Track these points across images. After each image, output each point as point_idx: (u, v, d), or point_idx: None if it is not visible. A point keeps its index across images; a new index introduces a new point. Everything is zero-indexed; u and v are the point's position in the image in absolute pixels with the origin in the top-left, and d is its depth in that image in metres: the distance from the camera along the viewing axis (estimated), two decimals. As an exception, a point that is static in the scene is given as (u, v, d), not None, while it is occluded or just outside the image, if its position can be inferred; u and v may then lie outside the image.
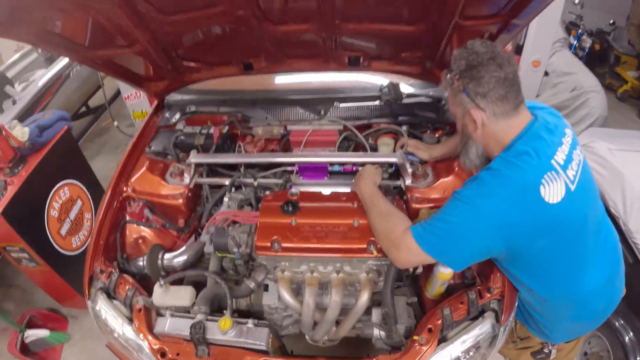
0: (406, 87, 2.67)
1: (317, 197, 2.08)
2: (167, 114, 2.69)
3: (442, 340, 1.75)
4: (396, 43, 2.33)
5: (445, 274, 1.84)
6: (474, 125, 1.61)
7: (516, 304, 1.86)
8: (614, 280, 1.85)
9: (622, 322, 2.65)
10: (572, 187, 1.55)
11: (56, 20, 1.90)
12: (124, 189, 2.31)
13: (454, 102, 1.65)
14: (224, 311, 1.85)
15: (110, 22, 1.96)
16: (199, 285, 2.04)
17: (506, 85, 1.51)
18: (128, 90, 4.48)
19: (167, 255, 2.15)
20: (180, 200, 2.28)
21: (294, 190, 2.08)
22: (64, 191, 3.33)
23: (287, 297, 1.90)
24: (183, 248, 2.17)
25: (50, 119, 3.35)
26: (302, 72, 2.62)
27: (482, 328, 1.77)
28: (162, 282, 1.94)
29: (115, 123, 5.01)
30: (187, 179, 2.30)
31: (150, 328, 1.87)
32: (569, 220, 1.58)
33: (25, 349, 3.41)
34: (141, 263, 2.13)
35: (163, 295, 1.96)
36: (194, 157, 2.30)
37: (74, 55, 2.17)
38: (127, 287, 1.95)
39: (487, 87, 1.51)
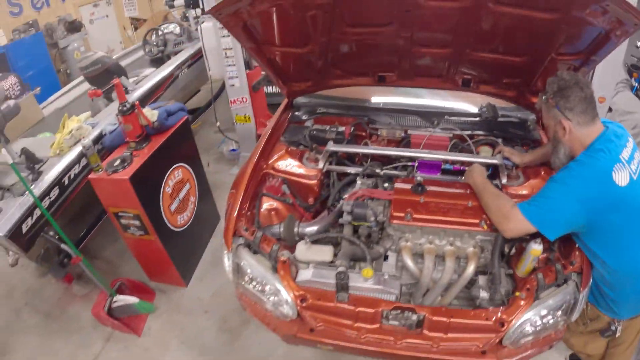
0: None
1: (438, 183, 2.75)
2: (297, 113, 3.49)
3: (536, 298, 2.23)
4: (502, 70, 3.05)
5: (537, 250, 2.28)
6: (563, 131, 2.27)
7: (591, 280, 2.34)
8: None
9: None
10: (635, 177, 2.17)
11: (255, 17, 2.66)
12: (264, 166, 2.96)
13: (548, 115, 2.35)
14: (362, 264, 2.47)
15: (301, 24, 2.74)
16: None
17: (586, 102, 2.20)
18: (235, 95, 5.15)
19: (302, 224, 2.72)
20: (315, 181, 2.94)
21: (419, 176, 2.75)
22: (178, 172, 3.98)
23: (409, 262, 2.47)
24: (316, 220, 2.80)
25: (174, 107, 4.00)
26: (424, 87, 3.41)
27: (565, 293, 2.24)
28: (307, 240, 2.54)
29: (218, 124, 5.82)
30: (321, 164, 2.98)
31: (292, 278, 2.40)
32: (634, 201, 2.17)
33: (109, 313, 3.79)
34: (277, 229, 2.65)
35: (306, 251, 2.53)
36: (332, 146, 3.00)
37: (251, 45, 2.90)
38: (272, 244, 2.49)
39: (572, 103, 2.20)
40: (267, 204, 2.88)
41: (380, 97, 3.69)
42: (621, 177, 2.13)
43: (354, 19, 2.72)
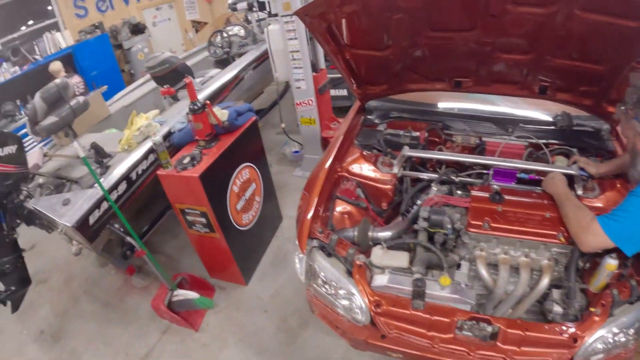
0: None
1: (515, 192, 2.70)
2: (370, 116, 3.47)
3: (610, 315, 2.15)
4: (580, 78, 2.95)
5: (612, 264, 2.20)
6: None
7: None
8: None
9: None
10: None
11: (341, 19, 2.74)
12: (338, 169, 2.95)
13: (626, 126, 2.30)
14: (440, 272, 2.42)
15: (385, 27, 2.77)
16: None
17: None
18: (301, 98, 5.19)
19: (376, 229, 2.69)
20: (389, 186, 2.95)
21: (496, 185, 2.72)
22: (245, 172, 4.03)
23: (484, 272, 2.43)
24: (390, 225, 2.77)
25: (244, 107, 4.06)
26: (500, 94, 3.33)
27: (639, 311, 2.16)
28: (383, 245, 2.52)
29: (283, 125, 5.89)
30: (395, 168, 2.98)
31: (367, 282, 2.39)
32: None
33: (169, 307, 3.83)
34: (351, 233, 2.64)
35: (382, 256, 2.49)
36: (407, 151, 2.98)
37: (332, 48, 2.95)
38: (348, 247, 2.49)
39: None
40: (340, 207, 2.87)
41: (452, 103, 3.65)
42: None
43: (438, 23, 2.70)
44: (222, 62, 6.71)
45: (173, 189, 3.56)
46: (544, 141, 3.15)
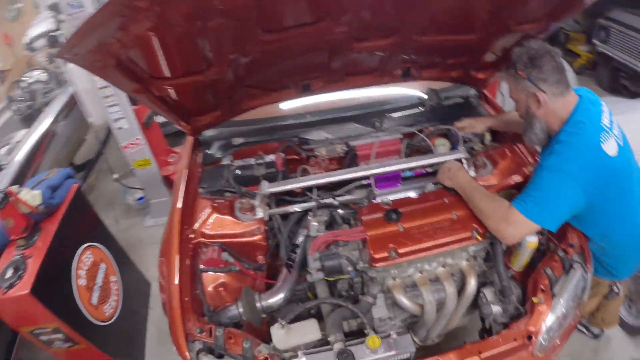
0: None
1: (409, 201, 2.32)
2: (209, 151, 2.77)
3: (553, 296, 2.07)
4: (447, 51, 2.66)
5: (533, 242, 2.15)
6: (538, 104, 2.09)
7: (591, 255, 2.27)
8: None
9: None
10: (621, 143, 2.10)
11: (132, 46, 1.88)
12: (190, 236, 2.29)
13: (517, 89, 2.15)
14: (365, 331, 1.95)
15: (200, 42, 1.99)
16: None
17: (559, 71, 2.04)
18: (127, 139, 4.29)
19: (264, 296, 2.16)
20: (258, 236, 2.34)
21: (385, 199, 2.29)
22: (87, 256, 3.21)
23: (406, 301, 2.10)
24: (279, 285, 2.24)
25: (58, 178, 3.20)
26: (357, 88, 2.82)
27: (576, 279, 2.13)
28: (282, 322, 1.98)
29: (115, 175, 5.00)
30: (259, 212, 2.36)
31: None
32: (625, 168, 2.12)
33: None
34: (235, 311, 2.10)
35: (286, 336, 1.98)
36: (268, 187, 2.38)
37: (134, 86, 2.14)
38: (242, 339, 1.92)
39: (547, 74, 2.02)
40: (211, 281, 2.28)
41: (303, 109, 3.07)
42: (610, 147, 2.04)
43: (274, 22, 2.05)
44: (30, 118, 5.51)
45: (8, 314, 2.73)
46: (418, 127, 2.83)
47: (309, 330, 2.00)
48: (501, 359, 1.97)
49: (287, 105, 2.93)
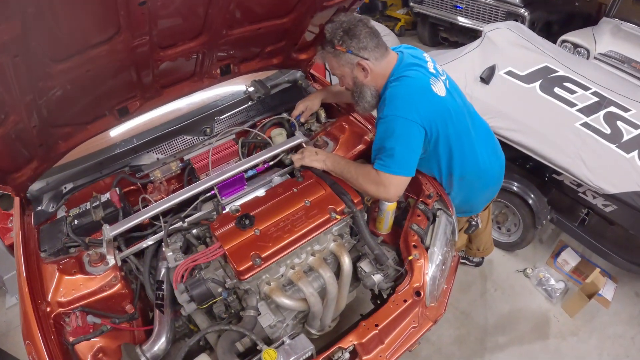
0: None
1: (257, 202, 2.22)
2: (40, 207, 2.38)
3: (427, 248, 2.14)
4: (263, 39, 2.53)
5: (392, 204, 2.20)
6: (364, 73, 2.12)
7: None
8: (496, 150, 2.55)
9: (518, 185, 3.46)
10: (448, 87, 2.22)
11: None
12: (48, 310, 1.97)
13: (339, 64, 2.14)
14: (257, 347, 1.84)
15: None
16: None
17: (375, 36, 2.08)
18: None
19: (146, 347, 1.97)
20: (118, 285, 2.07)
21: (233, 207, 2.17)
22: None
23: (289, 301, 2.02)
24: (156, 329, 2.02)
25: None
26: (177, 98, 2.57)
27: (444, 225, 2.23)
28: None
29: None
30: (110, 259, 2.08)
31: None
32: (458, 109, 2.23)
33: None
34: None
35: None
36: (111, 230, 2.12)
37: None
38: None
39: (365, 41, 2.04)
40: (87, 350, 1.98)
41: (123, 130, 2.74)
42: (439, 89, 2.12)
43: (59, 49, 1.71)
44: None
45: None
46: (250, 122, 2.74)
47: (204, 367, 1.87)
48: (398, 322, 2.00)
49: (111, 134, 2.64)
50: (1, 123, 1.77)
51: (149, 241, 2.23)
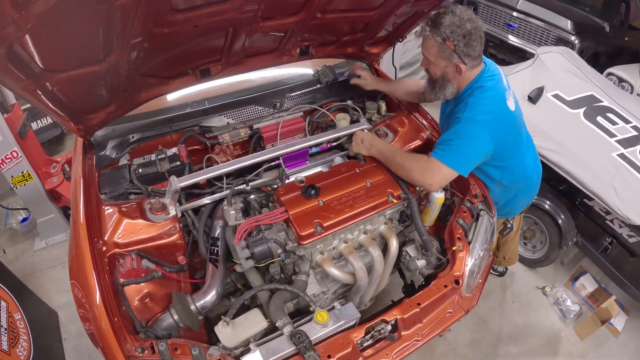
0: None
1: (322, 176, 2.30)
2: (103, 152, 2.45)
3: (469, 242, 2.26)
4: (345, 28, 2.61)
5: (440, 198, 2.33)
6: (455, 73, 2.24)
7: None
8: (537, 156, 2.78)
9: (550, 204, 3.61)
10: (515, 100, 2.37)
11: (28, 30, 1.43)
12: (103, 249, 2.00)
13: (438, 54, 2.21)
14: (310, 308, 1.97)
15: (101, 25, 1.62)
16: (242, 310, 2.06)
17: (482, 46, 2.19)
18: (1, 154, 3.65)
19: (196, 297, 2.03)
20: (175, 235, 2.13)
21: (298, 177, 2.26)
22: None
23: (338, 272, 2.12)
24: (208, 282, 2.08)
25: None
26: (256, 70, 2.64)
27: (485, 225, 2.34)
28: (226, 320, 1.88)
29: None
30: (172, 210, 2.18)
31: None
32: (518, 122, 2.40)
33: None
34: (171, 320, 1.95)
35: (233, 332, 1.89)
36: (178, 182, 2.18)
37: (24, 84, 1.72)
38: (189, 348, 1.77)
39: (474, 52, 2.16)
40: (135, 293, 2.05)
41: (195, 96, 2.79)
42: (510, 103, 2.27)
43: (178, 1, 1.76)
44: None
45: None
46: (318, 103, 2.85)
47: (255, 321, 1.94)
48: (437, 304, 2.10)
49: (183, 94, 2.71)
50: (102, 59, 1.82)
51: (208, 199, 2.31)
